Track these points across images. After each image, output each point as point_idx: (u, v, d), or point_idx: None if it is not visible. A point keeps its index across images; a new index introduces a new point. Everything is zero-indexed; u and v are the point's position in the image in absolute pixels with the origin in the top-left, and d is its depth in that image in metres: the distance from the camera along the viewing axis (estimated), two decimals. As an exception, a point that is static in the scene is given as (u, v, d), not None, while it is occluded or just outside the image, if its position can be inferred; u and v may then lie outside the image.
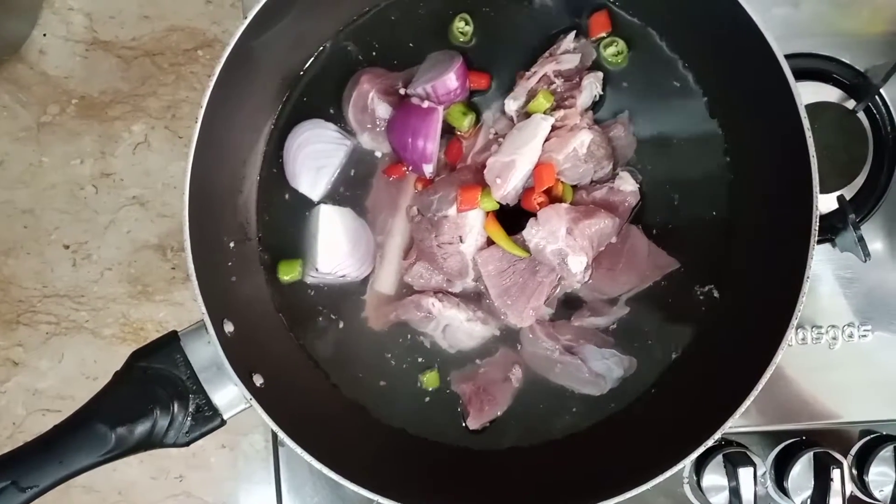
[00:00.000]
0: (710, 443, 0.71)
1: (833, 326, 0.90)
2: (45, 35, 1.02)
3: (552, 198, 0.79)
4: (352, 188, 0.85)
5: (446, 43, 0.85)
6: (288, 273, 0.83)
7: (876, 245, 0.90)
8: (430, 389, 0.84)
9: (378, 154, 0.85)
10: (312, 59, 0.86)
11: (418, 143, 0.80)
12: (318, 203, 0.84)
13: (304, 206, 0.84)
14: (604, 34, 0.84)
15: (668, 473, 0.70)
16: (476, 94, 0.85)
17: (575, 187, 0.82)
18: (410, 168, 0.84)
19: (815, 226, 0.71)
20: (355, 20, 0.85)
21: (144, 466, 1.00)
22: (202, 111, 0.71)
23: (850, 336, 0.90)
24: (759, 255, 0.80)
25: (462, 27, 0.84)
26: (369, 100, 0.82)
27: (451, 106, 0.82)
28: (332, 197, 0.85)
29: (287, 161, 0.84)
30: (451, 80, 0.81)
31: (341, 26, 0.85)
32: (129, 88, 1.03)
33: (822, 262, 0.90)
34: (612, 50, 0.84)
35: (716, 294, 0.83)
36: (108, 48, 1.03)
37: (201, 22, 1.03)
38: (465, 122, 0.83)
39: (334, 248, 0.82)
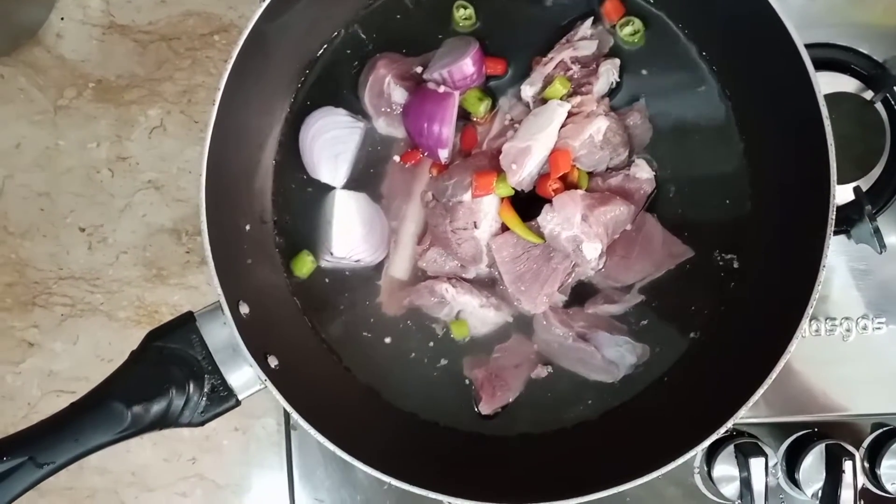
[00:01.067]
0: (721, 431, 0.71)
1: (847, 318, 0.89)
2: (62, 19, 1.03)
3: (567, 184, 0.79)
4: (367, 173, 0.85)
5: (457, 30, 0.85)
6: (302, 268, 0.84)
7: (891, 237, 0.90)
8: (461, 340, 0.84)
9: (393, 139, 0.85)
10: (327, 44, 0.86)
11: (434, 129, 0.80)
12: (334, 188, 0.84)
13: (320, 190, 0.85)
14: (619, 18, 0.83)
15: (679, 461, 0.70)
16: (492, 80, 0.85)
17: (590, 174, 0.81)
18: (426, 153, 0.84)
19: (832, 216, 0.70)
20: (370, 5, 0.85)
21: (157, 448, 1.01)
22: (219, 94, 0.71)
23: (864, 328, 0.89)
24: (773, 246, 0.80)
25: (463, 14, 0.84)
26: (385, 84, 0.82)
27: (466, 91, 0.82)
28: (348, 182, 0.85)
29: (304, 153, 0.84)
30: (467, 66, 0.81)
31: (356, 11, 0.85)
32: (145, 73, 1.03)
33: (837, 253, 0.89)
34: (628, 30, 0.83)
35: (730, 284, 0.83)
36: (124, 32, 1.03)
37: (217, 7, 1.03)
38: (480, 108, 0.82)
39: (349, 233, 0.82)
